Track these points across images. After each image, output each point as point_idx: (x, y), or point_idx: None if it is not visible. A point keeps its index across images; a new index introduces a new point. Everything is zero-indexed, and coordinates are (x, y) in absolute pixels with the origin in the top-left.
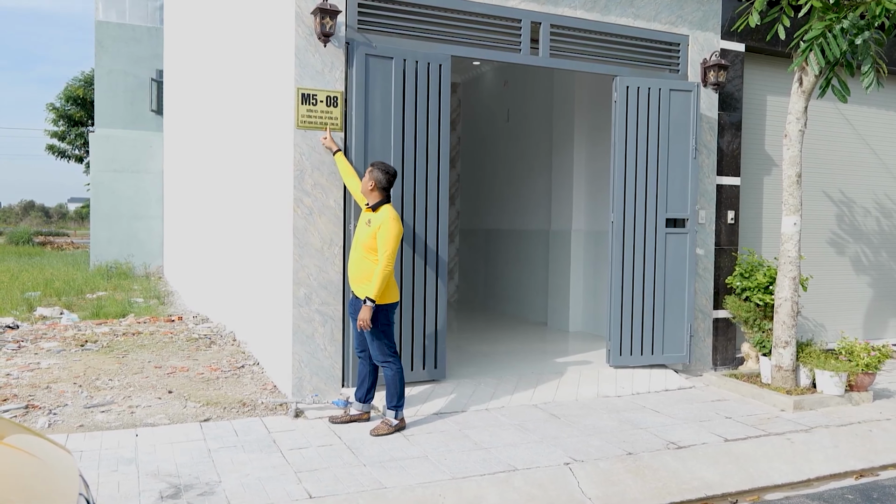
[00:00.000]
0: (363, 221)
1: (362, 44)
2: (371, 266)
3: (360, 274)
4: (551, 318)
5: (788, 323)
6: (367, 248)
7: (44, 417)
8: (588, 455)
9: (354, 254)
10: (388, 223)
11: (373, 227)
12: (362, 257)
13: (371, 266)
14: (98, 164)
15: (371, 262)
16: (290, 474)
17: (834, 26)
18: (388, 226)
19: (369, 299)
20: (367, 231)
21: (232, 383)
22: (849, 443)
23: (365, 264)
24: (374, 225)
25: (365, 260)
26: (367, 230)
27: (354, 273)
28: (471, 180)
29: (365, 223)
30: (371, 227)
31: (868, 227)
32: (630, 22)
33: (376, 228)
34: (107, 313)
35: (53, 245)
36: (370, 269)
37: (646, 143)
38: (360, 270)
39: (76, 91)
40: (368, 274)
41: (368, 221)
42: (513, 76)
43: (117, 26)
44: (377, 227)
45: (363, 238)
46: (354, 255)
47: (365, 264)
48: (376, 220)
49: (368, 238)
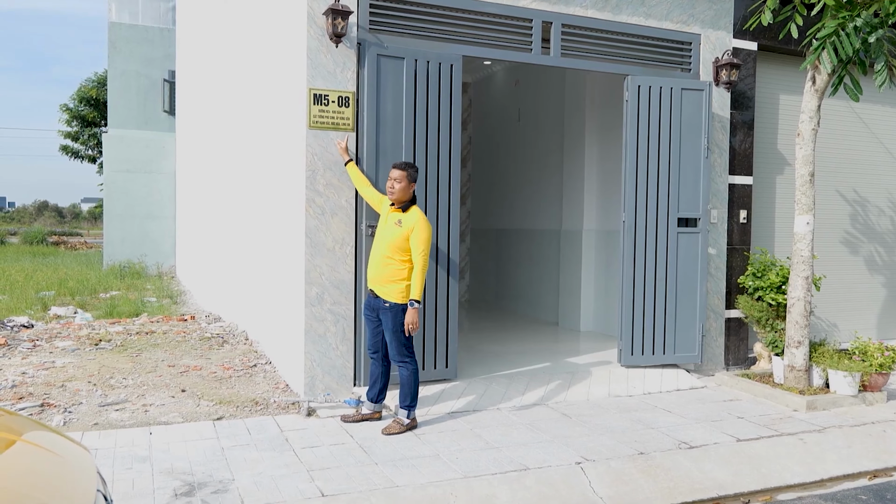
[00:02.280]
0: (391, 221)
1: (374, 44)
2: (397, 267)
3: (383, 275)
4: (562, 318)
5: (801, 323)
6: (396, 249)
7: (59, 416)
8: (600, 454)
9: (377, 254)
10: (421, 225)
11: (405, 228)
12: (388, 258)
13: (397, 267)
14: (111, 164)
15: (399, 262)
16: (303, 472)
17: (847, 24)
18: (421, 227)
19: (415, 301)
20: (398, 232)
21: (244, 382)
22: (862, 443)
23: (391, 265)
24: (406, 226)
25: (391, 260)
26: (397, 231)
27: (377, 274)
28: (482, 180)
29: (394, 223)
30: (403, 229)
31: (882, 227)
32: (642, 21)
33: (409, 230)
34: (120, 312)
35: (67, 245)
36: (396, 270)
37: (657, 143)
38: (384, 271)
39: (89, 92)
40: (394, 275)
41: (399, 222)
42: (524, 76)
43: (130, 27)
44: (410, 228)
45: (392, 238)
46: (377, 256)
47: (391, 265)
48: (408, 222)
49: (399, 239)
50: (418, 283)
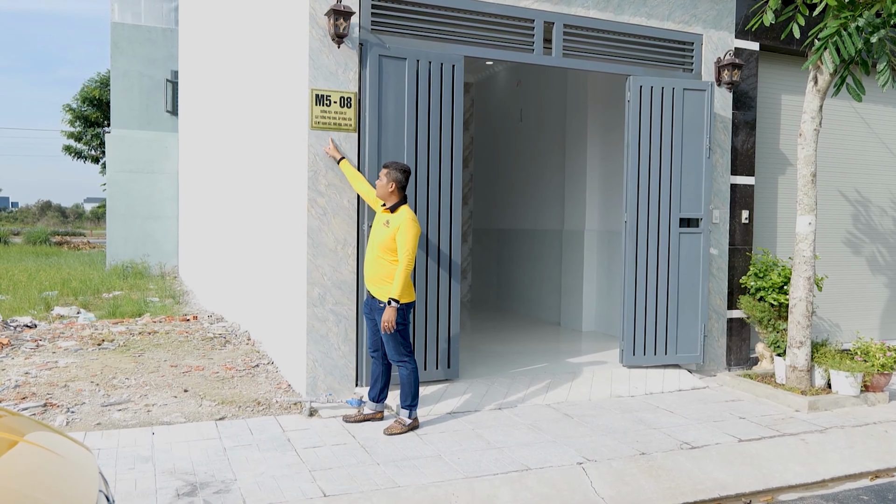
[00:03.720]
0: (380, 222)
1: (376, 44)
2: (388, 267)
3: (377, 275)
4: (564, 318)
5: (803, 323)
6: (385, 249)
7: (62, 416)
8: (601, 455)
9: (370, 254)
10: (407, 224)
11: (392, 228)
12: (379, 258)
13: (388, 267)
14: (114, 164)
15: (388, 262)
16: (305, 473)
17: (849, 24)
18: (407, 226)
19: (393, 300)
20: (386, 232)
21: (247, 382)
22: (864, 443)
23: (382, 265)
24: (392, 226)
25: (382, 261)
26: (385, 231)
27: (371, 274)
28: (484, 180)
29: (382, 224)
30: (390, 228)
31: (884, 227)
32: (643, 21)
33: (395, 229)
34: (123, 312)
35: (70, 245)
36: (387, 269)
37: (659, 143)
38: (377, 271)
39: (92, 92)
40: (385, 275)
41: (387, 222)
42: (526, 76)
43: (133, 28)
44: (396, 227)
45: (381, 239)
46: (370, 256)
47: (382, 265)
48: (395, 221)
49: (387, 239)
50: (399, 282)
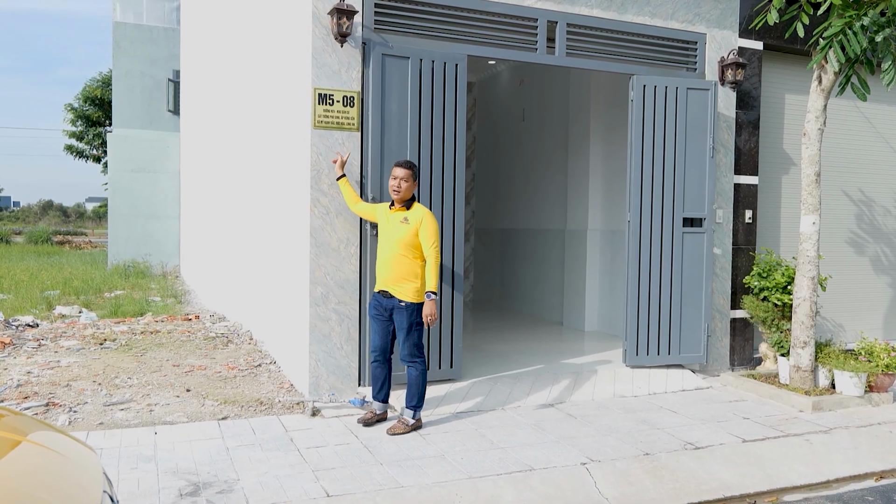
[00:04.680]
0: (396, 220)
1: (379, 44)
2: (412, 263)
3: (397, 273)
4: (567, 318)
5: (807, 323)
6: (407, 246)
7: (64, 415)
8: (605, 455)
9: (387, 253)
10: (429, 217)
11: (412, 223)
12: (401, 256)
13: (412, 263)
14: (115, 163)
15: (413, 259)
16: (308, 473)
17: (854, 23)
18: (428, 220)
19: (432, 292)
20: (407, 228)
21: (249, 382)
22: (869, 444)
23: (404, 263)
24: (413, 221)
25: (404, 258)
26: (405, 228)
27: (390, 273)
28: (486, 179)
29: (400, 221)
30: (410, 225)
31: (888, 227)
32: (647, 20)
33: (417, 224)
34: (125, 312)
35: (72, 244)
36: (410, 266)
37: (663, 142)
38: (397, 269)
39: (94, 91)
40: (408, 272)
41: (405, 219)
42: (529, 75)
43: (134, 27)
44: (418, 223)
45: (402, 236)
46: (388, 255)
47: (404, 263)
48: (414, 217)
49: (409, 235)
50: (433, 275)
